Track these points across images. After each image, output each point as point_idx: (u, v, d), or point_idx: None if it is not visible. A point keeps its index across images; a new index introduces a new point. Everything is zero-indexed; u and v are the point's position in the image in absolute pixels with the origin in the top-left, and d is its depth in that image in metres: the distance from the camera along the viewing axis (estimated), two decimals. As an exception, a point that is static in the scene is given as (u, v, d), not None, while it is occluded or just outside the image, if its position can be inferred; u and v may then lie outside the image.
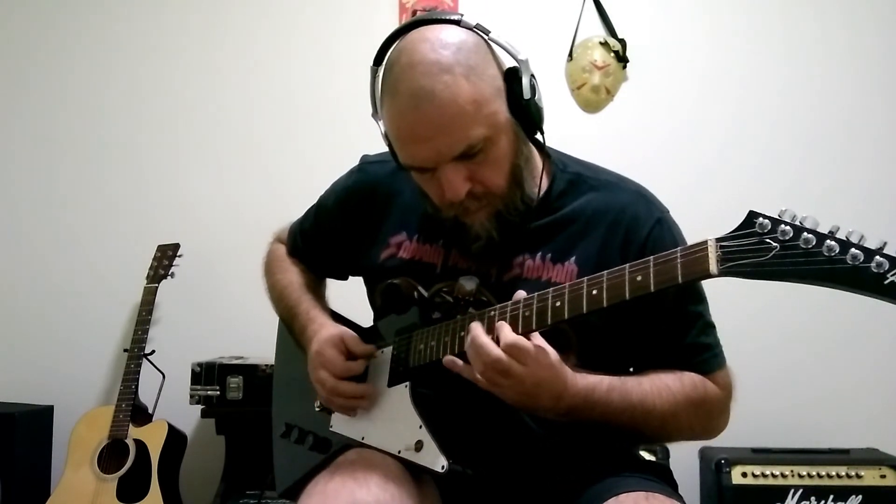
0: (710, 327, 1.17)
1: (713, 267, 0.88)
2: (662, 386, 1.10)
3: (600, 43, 2.52)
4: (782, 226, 0.84)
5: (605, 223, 1.16)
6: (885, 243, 0.79)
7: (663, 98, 2.54)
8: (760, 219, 0.86)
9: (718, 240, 0.89)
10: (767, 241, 0.84)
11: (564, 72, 2.55)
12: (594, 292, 0.98)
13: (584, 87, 2.53)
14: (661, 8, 2.57)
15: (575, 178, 1.21)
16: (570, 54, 2.53)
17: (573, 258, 1.15)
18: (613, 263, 1.00)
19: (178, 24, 2.70)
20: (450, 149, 1.05)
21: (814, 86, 2.52)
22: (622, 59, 2.52)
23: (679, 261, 0.92)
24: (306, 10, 2.66)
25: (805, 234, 0.82)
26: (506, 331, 1.01)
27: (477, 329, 1.03)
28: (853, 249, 0.80)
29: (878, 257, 0.79)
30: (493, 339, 1.02)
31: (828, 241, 0.81)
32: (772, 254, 0.84)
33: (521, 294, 1.06)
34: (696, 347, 1.15)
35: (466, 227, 1.14)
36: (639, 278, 0.95)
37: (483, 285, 1.13)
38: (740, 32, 2.54)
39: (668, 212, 1.20)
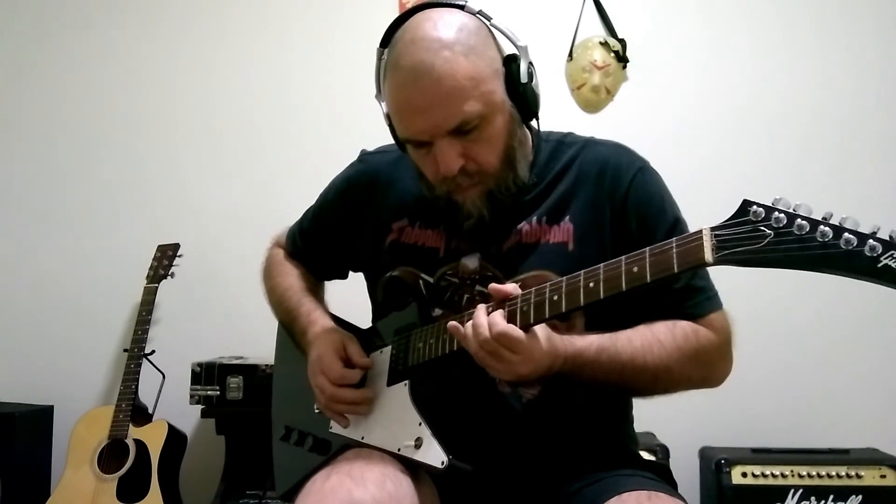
0: (703, 269, 1.15)
1: (708, 255, 0.89)
2: (654, 341, 1.10)
3: (600, 43, 2.52)
4: (776, 213, 0.84)
5: (592, 177, 1.19)
6: (878, 227, 0.80)
7: (663, 98, 2.54)
8: (754, 207, 0.86)
9: (713, 228, 0.90)
10: (762, 228, 0.85)
11: (564, 72, 2.55)
12: (591, 285, 0.99)
13: (584, 87, 2.53)
14: (661, 8, 2.57)
15: (556, 144, 1.25)
16: (570, 54, 2.53)
17: (567, 217, 1.18)
18: (605, 215, 1.05)
19: (179, 25, 2.70)
20: (445, 122, 1.08)
21: (813, 84, 2.51)
22: (622, 59, 2.52)
23: (675, 250, 0.93)
24: (307, 11, 2.66)
25: (799, 220, 0.83)
26: (496, 320, 1.02)
27: (479, 309, 1.05)
28: (846, 234, 0.80)
29: (871, 241, 0.79)
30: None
31: (821, 226, 0.82)
32: (766, 241, 0.85)
33: (514, 288, 1.06)
34: (689, 291, 1.15)
35: (458, 205, 1.16)
36: (635, 269, 0.96)
37: (486, 259, 1.14)
38: (739, 32, 2.55)
39: (649, 163, 1.23)
